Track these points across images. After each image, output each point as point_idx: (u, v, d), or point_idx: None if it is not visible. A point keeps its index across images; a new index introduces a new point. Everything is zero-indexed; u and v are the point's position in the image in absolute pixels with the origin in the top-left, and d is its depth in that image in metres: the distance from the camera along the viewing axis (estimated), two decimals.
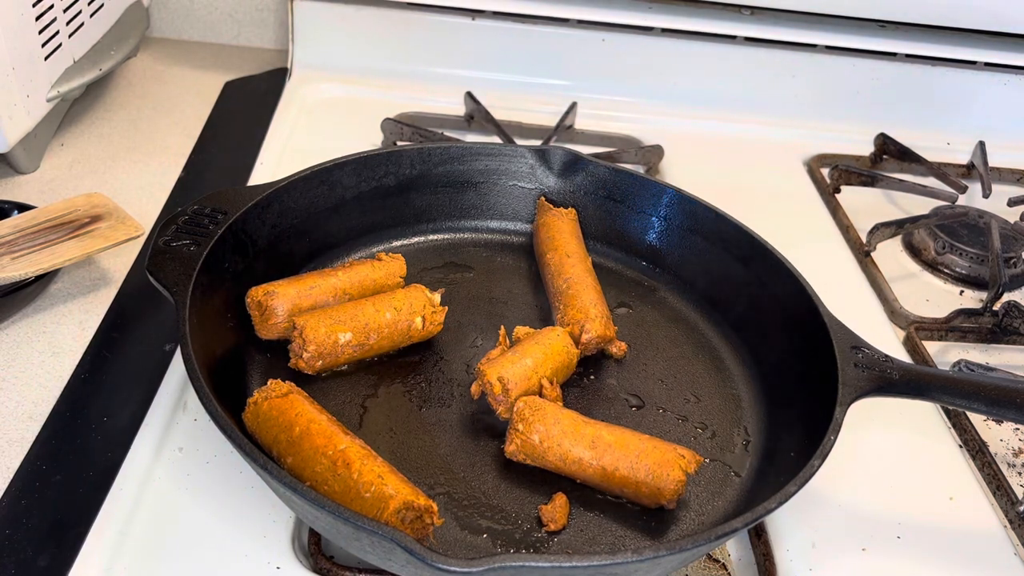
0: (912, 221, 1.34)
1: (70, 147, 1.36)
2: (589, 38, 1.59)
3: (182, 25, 1.76)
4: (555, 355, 0.92)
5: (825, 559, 0.84)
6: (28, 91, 1.20)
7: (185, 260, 0.87)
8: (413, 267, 1.06)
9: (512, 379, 0.88)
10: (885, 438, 0.98)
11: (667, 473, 0.80)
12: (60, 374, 0.96)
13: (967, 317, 1.18)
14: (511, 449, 0.85)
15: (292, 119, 1.46)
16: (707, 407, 0.97)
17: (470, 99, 1.49)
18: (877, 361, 0.87)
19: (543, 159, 1.16)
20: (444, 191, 1.16)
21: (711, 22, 1.58)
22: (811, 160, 1.54)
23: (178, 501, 0.81)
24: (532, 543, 0.79)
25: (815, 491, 0.82)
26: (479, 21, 1.58)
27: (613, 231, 1.16)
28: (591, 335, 0.97)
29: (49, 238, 1.02)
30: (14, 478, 0.84)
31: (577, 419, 0.85)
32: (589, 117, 1.53)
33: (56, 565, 0.76)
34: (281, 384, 0.82)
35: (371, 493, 0.71)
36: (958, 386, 0.84)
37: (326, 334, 0.90)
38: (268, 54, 1.74)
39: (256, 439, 0.80)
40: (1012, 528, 0.91)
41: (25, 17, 1.17)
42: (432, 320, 0.97)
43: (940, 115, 1.65)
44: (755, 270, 1.03)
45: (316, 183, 1.05)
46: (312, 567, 0.78)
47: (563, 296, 1.02)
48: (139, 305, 1.06)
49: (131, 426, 0.88)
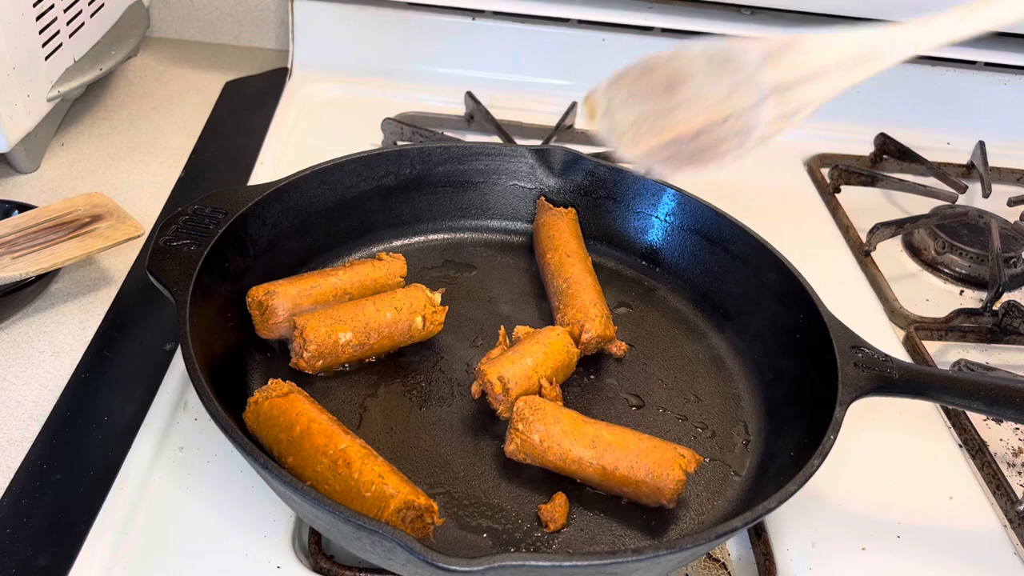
0: (912, 221, 1.34)
1: (70, 147, 1.36)
2: (589, 38, 1.59)
3: (182, 25, 1.76)
4: (555, 355, 0.92)
5: (825, 559, 0.84)
6: (28, 91, 1.20)
7: (185, 260, 0.87)
8: (413, 267, 1.06)
9: (512, 378, 0.88)
10: (885, 438, 0.98)
11: (667, 472, 0.80)
12: (60, 374, 0.96)
13: (967, 317, 1.18)
14: (511, 448, 0.85)
15: (292, 119, 1.46)
16: (707, 407, 0.97)
17: (470, 99, 1.49)
18: (877, 361, 0.87)
19: (543, 159, 1.16)
20: (444, 191, 1.16)
21: (711, 22, 1.58)
22: (811, 160, 1.54)
23: (178, 501, 0.81)
24: (532, 543, 0.79)
25: (815, 491, 0.81)
26: (479, 21, 1.58)
27: (613, 231, 1.16)
28: (591, 335, 0.97)
29: (49, 238, 1.02)
30: (15, 477, 0.84)
31: (577, 418, 0.85)
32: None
33: (56, 564, 0.76)
34: (282, 384, 0.83)
35: (372, 492, 0.72)
36: (958, 386, 0.84)
37: (327, 334, 0.90)
38: (268, 54, 1.74)
39: (257, 439, 0.80)
40: (1012, 528, 0.91)
41: (25, 17, 1.17)
42: (432, 320, 0.97)
43: (940, 115, 1.65)
44: (755, 270, 1.03)
45: (316, 183, 1.05)
46: (312, 566, 0.78)
47: (563, 296, 1.02)
48: (139, 305, 1.06)
49: (131, 426, 0.88)
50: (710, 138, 0.59)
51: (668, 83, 0.59)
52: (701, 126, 0.59)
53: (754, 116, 0.57)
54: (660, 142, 0.60)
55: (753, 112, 0.57)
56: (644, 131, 0.61)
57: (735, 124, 0.58)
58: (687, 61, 0.58)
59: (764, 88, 0.56)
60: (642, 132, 0.61)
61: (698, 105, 0.58)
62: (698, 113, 0.59)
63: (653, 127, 0.60)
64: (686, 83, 0.58)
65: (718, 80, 0.57)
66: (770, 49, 0.56)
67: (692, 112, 0.58)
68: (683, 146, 0.59)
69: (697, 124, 0.59)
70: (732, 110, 0.58)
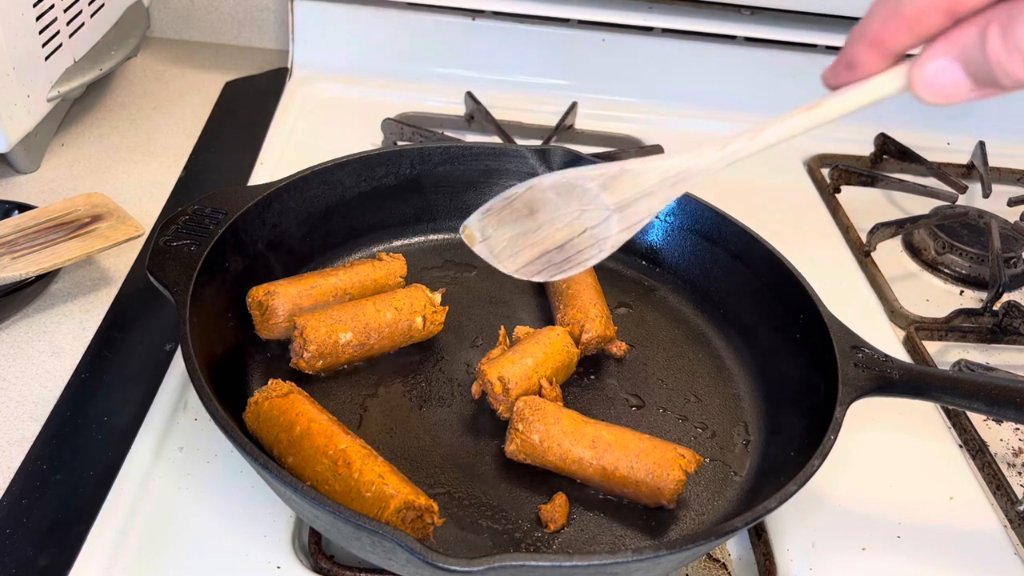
0: (912, 221, 1.34)
1: (70, 147, 1.36)
2: (589, 38, 1.59)
3: (182, 25, 1.76)
4: (555, 355, 0.92)
5: (825, 559, 0.84)
6: (28, 91, 1.20)
7: (185, 260, 0.87)
8: (413, 267, 1.06)
9: (512, 378, 0.88)
10: (885, 438, 0.98)
11: (667, 473, 0.80)
12: (60, 374, 0.96)
13: (967, 317, 1.18)
14: (511, 449, 0.85)
15: (292, 119, 1.46)
16: (707, 407, 0.97)
17: (470, 99, 1.49)
18: (877, 361, 0.87)
19: (543, 159, 1.16)
20: (444, 191, 1.16)
21: (711, 22, 1.58)
22: (811, 160, 1.54)
23: (178, 501, 0.81)
24: (532, 543, 0.79)
25: (815, 491, 0.81)
26: (479, 21, 1.58)
27: None
28: (591, 335, 0.97)
29: (49, 238, 1.02)
30: (15, 477, 0.84)
31: (577, 419, 0.85)
32: (589, 117, 1.53)
33: (56, 565, 0.76)
34: (282, 384, 0.82)
35: (372, 492, 0.72)
36: (958, 386, 0.84)
37: (327, 334, 0.90)
38: (268, 54, 1.74)
39: (257, 439, 0.80)
40: (1012, 528, 0.91)
41: (25, 17, 1.17)
42: (432, 320, 0.97)
43: (940, 115, 1.65)
44: (755, 270, 1.03)
45: (316, 183, 1.05)
46: (312, 567, 0.78)
47: (563, 296, 1.02)
48: (139, 305, 1.06)
49: (131, 426, 0.88)
50: (573, 248, 0.72)
51: (529, 209, 0.72)
52: (563, 240, 0.72)
53: (604, 229, 0.70)
54: (533, 256, 0.74)
55: (603, 226, 0.70)
56: (518, 248, 0.74)
57: (591, 236, 0.71)
58: (540, 192, 0.71)
59: (607, 207, 0.69)
60: (516, 249, 0.74)
61: (557, 224, 0.72)
62: (559, 229, 0.72)
63: (524, 244, 0.74)
64: (544, 208, 0.71)
65: (568, 204, 0.70)
66: (606, 178, 0.68)
67: (553, 229, 0.72)
68: (553, 256, 0.73)
69: (560, 238, 0.72)
70: (586, 225, 0.71)
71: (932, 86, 0.51)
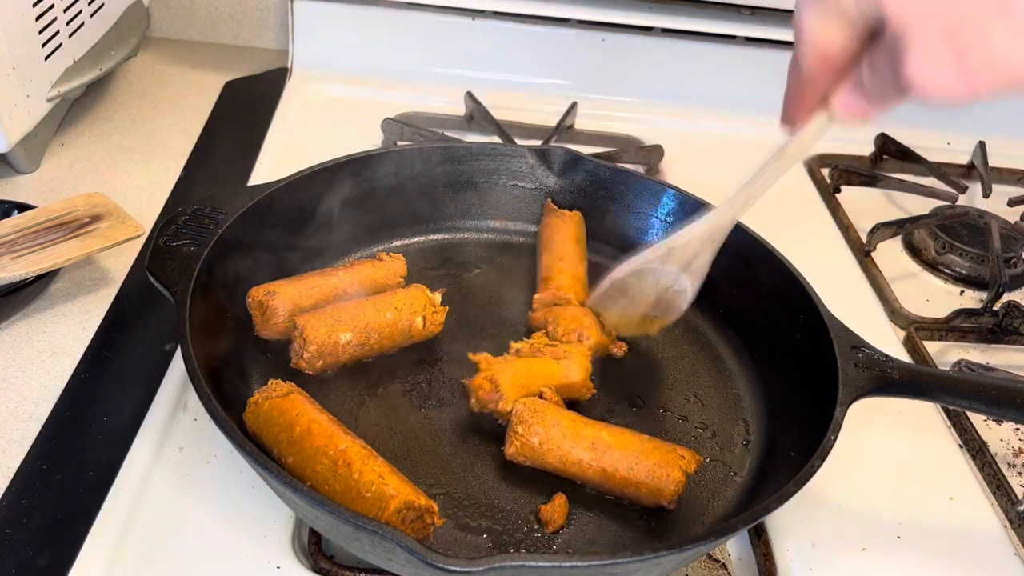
0: (912, 221, 1.34)
1: (70, 147, 1.36)
2: (589, 38, 1.59)
3: (182, 25, 1.75)
4: (562, 379, 0.91)
5: (825, 559, 0.84)
6: (28, 91, 1.20)
7: (185, 260, 0.87)
8: (413, 267, 1.06)
9: (502, 377, 0.87)
10: (885, 438, 0.98)
11: (667, 473, 0.80)
12: (60, 374, 0.96)
13: (967, 317, 1.18)
14: (511, 451, 0.85)
15: (292, 119, 1.46)
16: (707, 407, 0.97)
17: (470, 99, 1.49)
18: (877, 361, 0.87)
19: (543, 159, 1.16)
20: (444, 191, 1.16)
21: (711, 22, 1.58)
22: (811, 160, 1.54)
23: (178, 501, 0.81)
24: (532, 543, 0.79)
25: (815, 491, 0.81)
26: (479, 21, 1.58)
27: (613, 231, 1.16)
28: (590, 342, 0.96)
29: (49, 238, 1.02)
30: (14, 478, 0.84)
31: (577, 420, 0.85)
32: (589, 117, 1.53)
33: (56, 565, 0.76)
34: (282, 384, 0.83)
35: (372, 493, 0.72)
36: (958, 386, 0.84)
37: (327, 334, 0.90)
38: (268, 54, 1.74)
39: (257, 439, 0.80)
40: (1012, 528, 0.91)
41: (25, 17, 1.17)
42: (433, 320, 0.97)
43: (940, 115, 1.65)
44: (755, 270, 1.03)
45: (316, 183, 1.05)
46: (312, 567, 0.78)
47: (548, 244, 1.08)
48: (139, 305, 1.06)
49: (131, 426, 0.88)
50: (665, 302, 0.96)
51: (621, 291, 0.96)
52: (656, 299, 0.96)
53: (680, 284, 0.93)
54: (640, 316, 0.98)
55: (678, 283, 0.93)
56: (627, 314, 0.98)
57: (673, 292, 0.94)
58: (622, 279, 0.95)
59: (674, 271, 0.92)
60: (626, 315, 0.98)
61: (645, 292, 0.95)
62: (649, 295, 0.95)
63: (630, 311, 0.98)
64: (631, 287, 0.95)
65: (645, 279, 0.94)
66: (662, 256, 0.91)
67: (644, 296, 0.96)
68: (654, 312, 0.97)
69: (652, 299, 0.96)
70: (666, 286, 0.94)
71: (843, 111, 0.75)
